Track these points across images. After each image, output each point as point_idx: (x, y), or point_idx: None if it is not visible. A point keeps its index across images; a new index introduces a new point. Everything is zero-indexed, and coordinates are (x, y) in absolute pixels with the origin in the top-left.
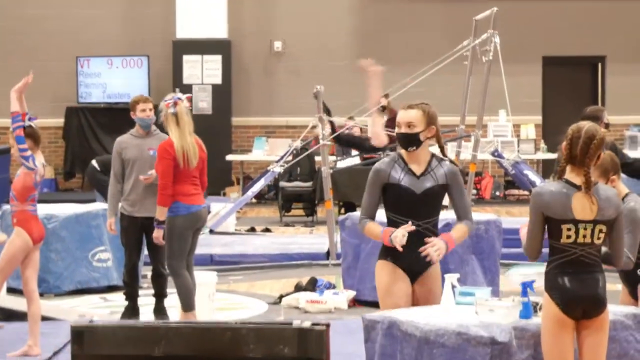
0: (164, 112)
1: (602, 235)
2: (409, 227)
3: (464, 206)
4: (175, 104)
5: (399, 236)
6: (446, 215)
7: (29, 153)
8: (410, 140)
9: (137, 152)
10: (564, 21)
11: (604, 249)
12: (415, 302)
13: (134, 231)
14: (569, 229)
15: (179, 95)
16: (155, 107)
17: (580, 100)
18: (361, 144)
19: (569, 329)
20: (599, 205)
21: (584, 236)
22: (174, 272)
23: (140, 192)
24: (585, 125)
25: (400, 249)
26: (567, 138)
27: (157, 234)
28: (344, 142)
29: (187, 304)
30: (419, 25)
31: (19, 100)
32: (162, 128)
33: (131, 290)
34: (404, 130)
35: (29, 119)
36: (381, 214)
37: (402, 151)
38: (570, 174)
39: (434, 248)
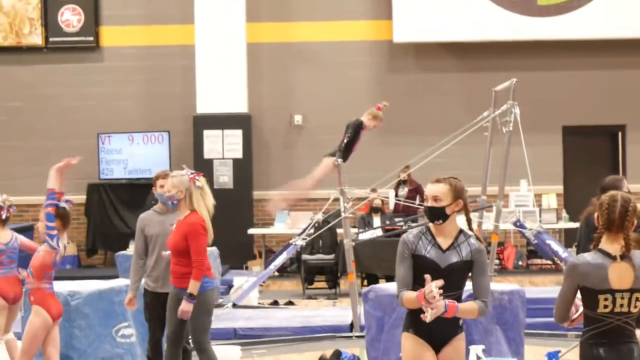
0: (187, 187)
1: (639, 304)
2: (438, 282)
3: (482, 286)
4: (197, 178)
5: (426, 291)
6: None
7: (55, 232)
8: (437, 214)
9: (159, 228)
10: (584, 91)
11: None
12: None
13: (157, 307)
14: (606, 299)
15: (191, 170)
16: None
17: (601, 169)
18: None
19: None
20: (635, 274)
21: (621, 305)
22: (201, 347)
23: (163, 268)
24: (618, 192)
25: (431, 302)
26: (601, 207)
27: (188, 308)
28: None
29: None
30: (438, 96)
31: (58, 178)
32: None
33: None
34: (430, 203)
35: (65, 201)
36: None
37: (430, 224)
38: (605, 244)
39: (431, 306)
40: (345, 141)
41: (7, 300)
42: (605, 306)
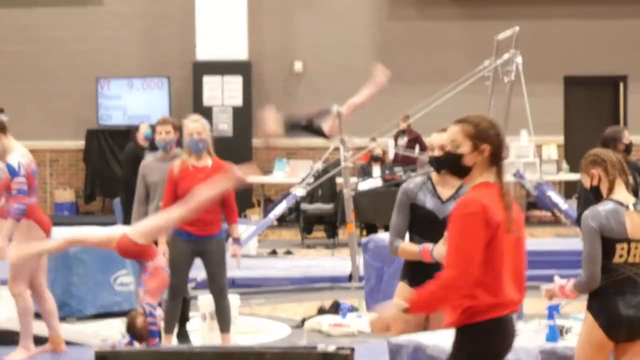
0: (210, 134)
1: None
2: None
3: None
4: None
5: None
6: None
7: None
8: (443, 163)
9: (159, 176)
10: (586, 41)
11: None
12: (432, 324)
13: None
14: (622, 249)
15: None
16: (179, 127)
17: (602, 120)
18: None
19: (607, 352)
20: None
21: (635, 255)
22: (225, 292)
23: None
24: (604, 150)
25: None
26: (599, 164)
27: (239, 252)
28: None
29: (229, 325)
30: (440, 44)
31: None
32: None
33: None
34: (437, 153)
35: None
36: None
37: (433, 174)
38: (614, 194)
39: (437, 246)
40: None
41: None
42: (621, 255)
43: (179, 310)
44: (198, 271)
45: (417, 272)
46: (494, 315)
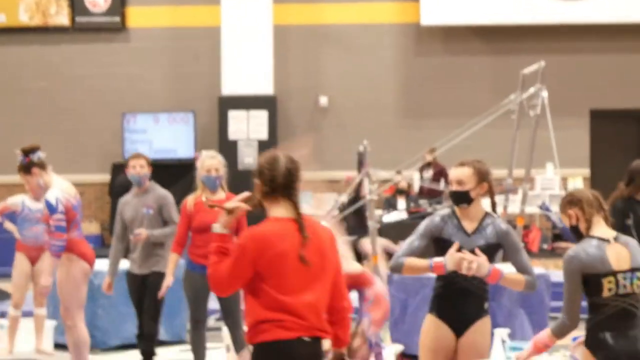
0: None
1: None
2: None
3: (522, 264)
4: None
5: (463, 261)
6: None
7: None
8: (461, 198)
9: (133, 211)
10: (611, 74)
11: None
12: (461, 356)
13: (136, 289)
14: (609, 282)
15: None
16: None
17: (627, 153)
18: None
19: None
20: (631, 252)
21: (624, 286)
22: (240, 323)
23: (139, 251)
24: (580, 190)
25: (468, 272)
26: (576, 204)
27: None
28: None
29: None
30: (466, 79)
31: None
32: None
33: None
34: (454, 187)
35: None
36: None
37: (456, 208)
38: (593, 230)
39: (474, 262)
40: None
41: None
42: (610, 289)
43: (204, 340)
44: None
45: (445, 304)
46: (275, 337)
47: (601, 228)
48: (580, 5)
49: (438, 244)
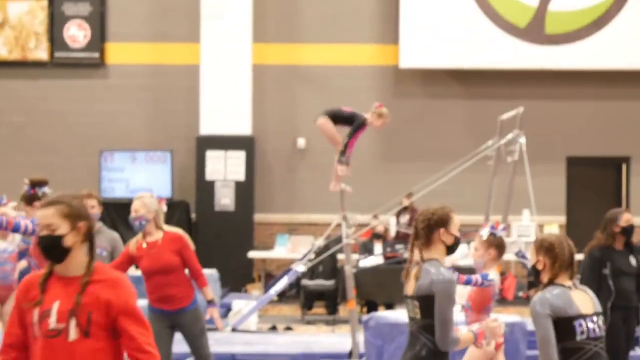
0: (156, 208)
1: (603, 327)
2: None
3: None
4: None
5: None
6: None
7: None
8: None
9: None
10: (589, 121)
11: None
12: None
13: None
14: (580, 325)
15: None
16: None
17: (604, 201)
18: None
19: None
20: (592, 297)
21: (594, 330)
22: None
23: None
24: (552, 236)
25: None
26: (550, 253)
27: (217, 314)
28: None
29: None
30: (444, 123)
31: None
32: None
33: None
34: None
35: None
36: None
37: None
38: (559, 279)
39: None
40: (346, 113)
41: None
42: (582, 332)
43: None
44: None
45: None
46: None
47: (564, 278)
48: (560, 51)
49: None
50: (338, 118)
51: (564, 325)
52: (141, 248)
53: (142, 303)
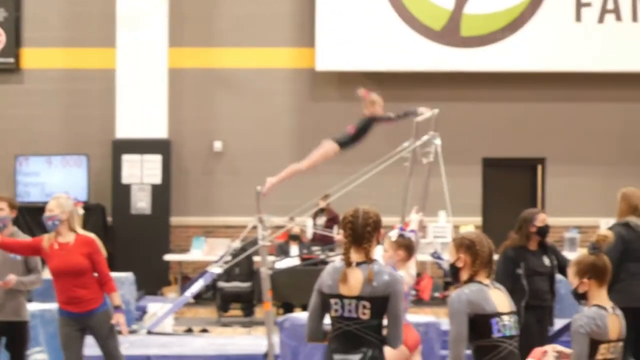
0: (70, 209)
1: (518, 326)
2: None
3: None
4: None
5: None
6: None
7: None
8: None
9: (1, 256)
10: (504, 123)
11: None
12: None
13: None
14: (497, 322)
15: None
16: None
17: (520, 202)
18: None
19: None
20: (507, 296)
21: (510, 328)
22: None
23: (1, 296)
24: (472, 233)
25: None
26: (470, 250)
27: (122, 320)
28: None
29: None
30: None
31: None
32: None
33: None
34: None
35: None
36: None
37: None
38: (478, 277)
39: None
40: (353, 133)
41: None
42: (498, 330)
43: None
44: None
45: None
46: None
47: (482, 277)
48: (475, 53)
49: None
50: (348, 142)
51: (481, 322)
52: (52, 248)
53: (53, 307)
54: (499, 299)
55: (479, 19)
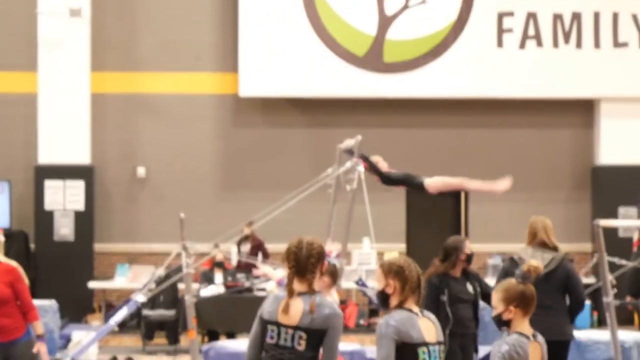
0: None
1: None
2: None
3: None
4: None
5: None
6: None
7: None
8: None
9: None
10: (427, 149)
11: None
12: None
13: None
14: (423, 352)
15: None
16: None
17: (443, 229)
18: (412, 181)
19: None
20: (436, 328)
21: (435, 358)
22: None
23: None
24: (400, 258)
25: None
26: (399, 276)
27: (44, 349)
28: (394, 182)
29: None
30: (284, 151)
31: None
32: None
33: None
34: None
35: None
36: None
37: None
38: (407, 304)
39: None
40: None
41: None
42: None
43: None
44: None
45: None
46: None
47: (411, 304)
48: (398, 79)
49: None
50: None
51: (408, 351)
52: None
53: None
54: (427, 329)
55: (402, 45)
